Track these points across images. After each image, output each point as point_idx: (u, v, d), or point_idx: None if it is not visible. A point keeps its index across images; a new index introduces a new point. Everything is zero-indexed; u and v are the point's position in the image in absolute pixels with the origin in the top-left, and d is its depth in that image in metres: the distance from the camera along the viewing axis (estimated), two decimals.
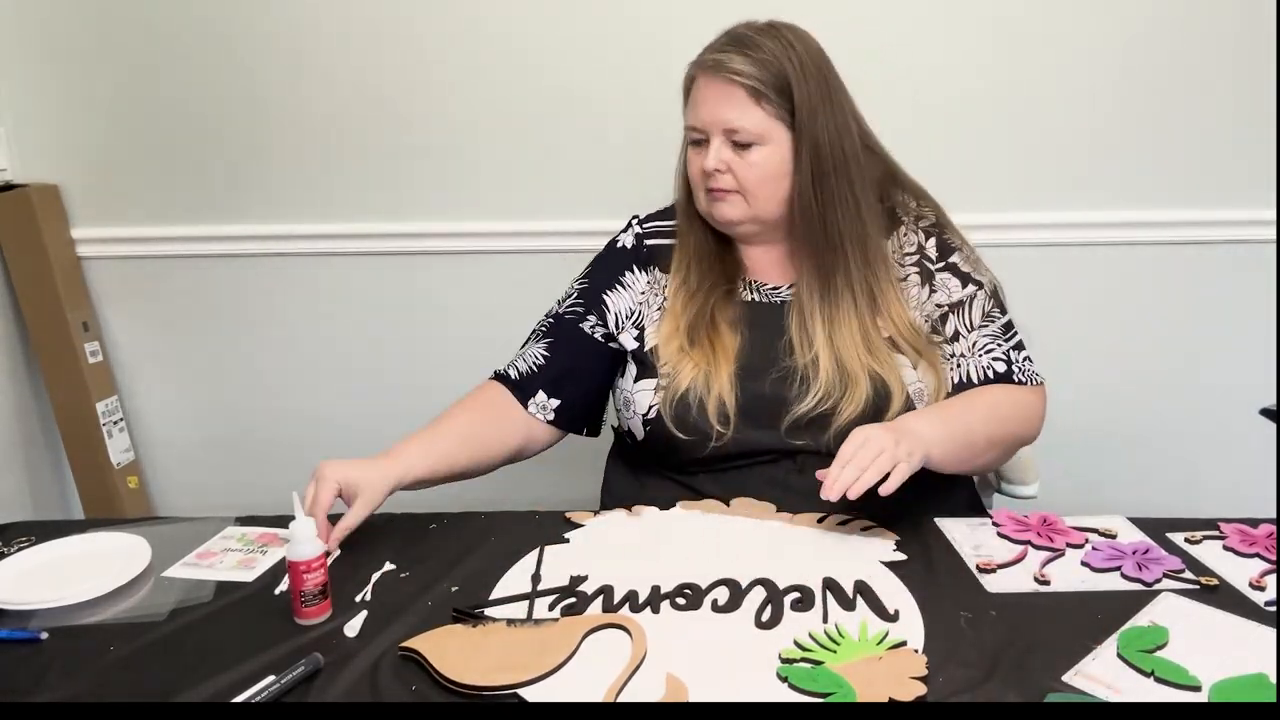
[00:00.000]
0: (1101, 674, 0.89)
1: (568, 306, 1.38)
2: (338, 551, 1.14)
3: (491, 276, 1.95)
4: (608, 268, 1.40)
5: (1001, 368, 1.28)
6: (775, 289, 1.33)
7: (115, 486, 1.98)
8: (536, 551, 1.14)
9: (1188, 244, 1.89)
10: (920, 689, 0.86)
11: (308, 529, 1.00)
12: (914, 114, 1.80)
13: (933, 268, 1.31)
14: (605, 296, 1.37)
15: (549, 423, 1.36)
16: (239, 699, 0.87)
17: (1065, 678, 0.88)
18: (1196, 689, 0.86)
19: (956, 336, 1.29)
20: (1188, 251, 1.90)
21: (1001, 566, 1.08)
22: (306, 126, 1.88)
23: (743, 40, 1.23)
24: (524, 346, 1.40)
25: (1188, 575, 1.06)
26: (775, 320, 1.30)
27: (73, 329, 1.92)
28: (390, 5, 1.81)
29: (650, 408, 1.28)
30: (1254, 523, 1.19)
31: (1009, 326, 1.31)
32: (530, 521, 1.23)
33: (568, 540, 1.17)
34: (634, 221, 1.43)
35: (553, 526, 1.20)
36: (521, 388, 1.35)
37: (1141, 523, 1.19)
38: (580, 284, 1.40)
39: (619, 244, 1.41)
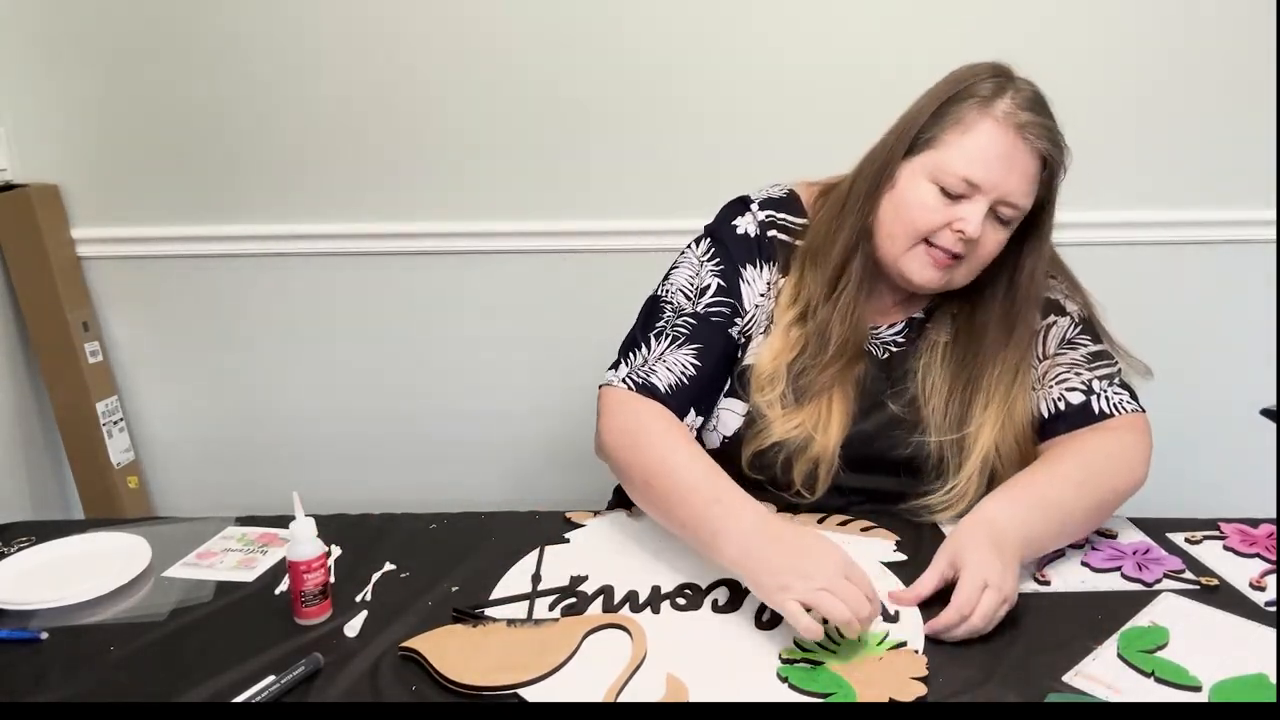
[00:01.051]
0: (1101, 674, 0.89)
1: (710, 306, 1.19)
2: (337, 552, 1.14)
3: (491, 276, 1.95)
4: (734, 257, 1.21)
5: (1077, 399, 1.15)
6: (875, 328, 1.22)
7: (115, 486, 1.98)
8: (536, 551, 1.14)
9: (1188, 244, 1.89)
10: (920, 689, 0.86)
11: (308, 529, 1.00)
12: None
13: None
14: (743, 290, 1.20)
15: None
16: (239, 699, 0.87)
17: (1065, 678, 0.88)
18: (1197, 689, 0.86)
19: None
20: (1188, 251, 1.90)
21: None
22: (306, 127, 1.88)
23: (1044, 108, 1.11)
24: (650, 348, 1.18)
25: (1188, 575, 1.06)
26: (884, 372, 1.20)
27: (73, 329, 1.92)
28: (390, 5, 1.81)
29: (735, 432, 1.18)
30: (1254, 523, 1.19)
31: (1099, 355, 1.19)
32: (530, 521, 1.23)
33: (568, 540, 1.17)
34: (754, 206, 1.24)
35: (553, 526, 1.20)
36: (671, 404, 1.15)
37: (1141, 523, 1.20)
38: (717, 272, 1.20)
39: (740, 230, 1.22)
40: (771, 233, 1.22)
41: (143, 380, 2.06)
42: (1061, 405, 1.16)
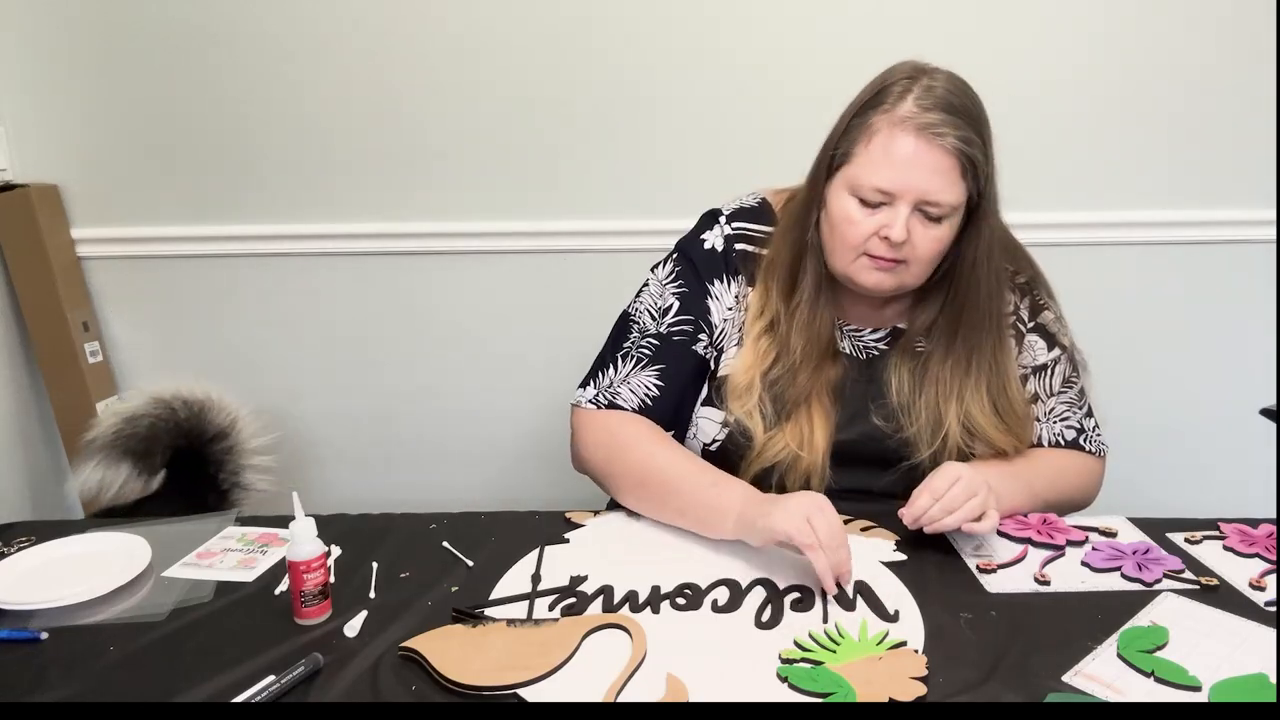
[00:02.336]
0: (1101, 674, 0.89)
1: (674, 326, 1.23)
2: (337, 551, 1.14)
3: (491, 277, 1.95)
4: (700, 273, 1.24)
5: (1072, 435, 1.28)
6: (858, 332, 1.24)
7: None
8: (536, 551, 1.14)
9: (1188, 244, 1.89)
10: (920, 689, 0.86)
11: (308, 529, 1.00)
12: None
13: (1025, 330, 1.26)
14: (709, 306, 1.24)
15: None
16: (239, 699, 0.87)
17: (1065, 678, 0.88)
18: (1196, 689, 0.86)
19: (1035, 399, 1.26)
20: (1188, 251, 1.90)
21: (1002, 566, 1.09)
22: (306, 127, 1.88)
23: (951, 104, 1.08)
24: (616, 369, 1.25)
25: (1188, 575, 1.06)
26: (868, 375, 1.23)
27: (73, 329, 1.92)
28: (390, 6, 1.81)
29: (714, 440, 1.23)
30: (1254, 523, 1.19)
31: (1083, 393, 1.30)
32: (530, 521, 1.22)
33: (568, 540, 1.17)
34: (722, 219, 1.26)
35: (553, 526, 1.20)
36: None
37: (1141, 523, 1.20)
38: (678, 293, 1.24)
39: (707, 244, 1.25)
40: (739, 245, 1.24)
41: (143, 380, 2.05)
42: (1061, 441, 1.28)
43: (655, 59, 1.82)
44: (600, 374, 1.26)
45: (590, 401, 1.25)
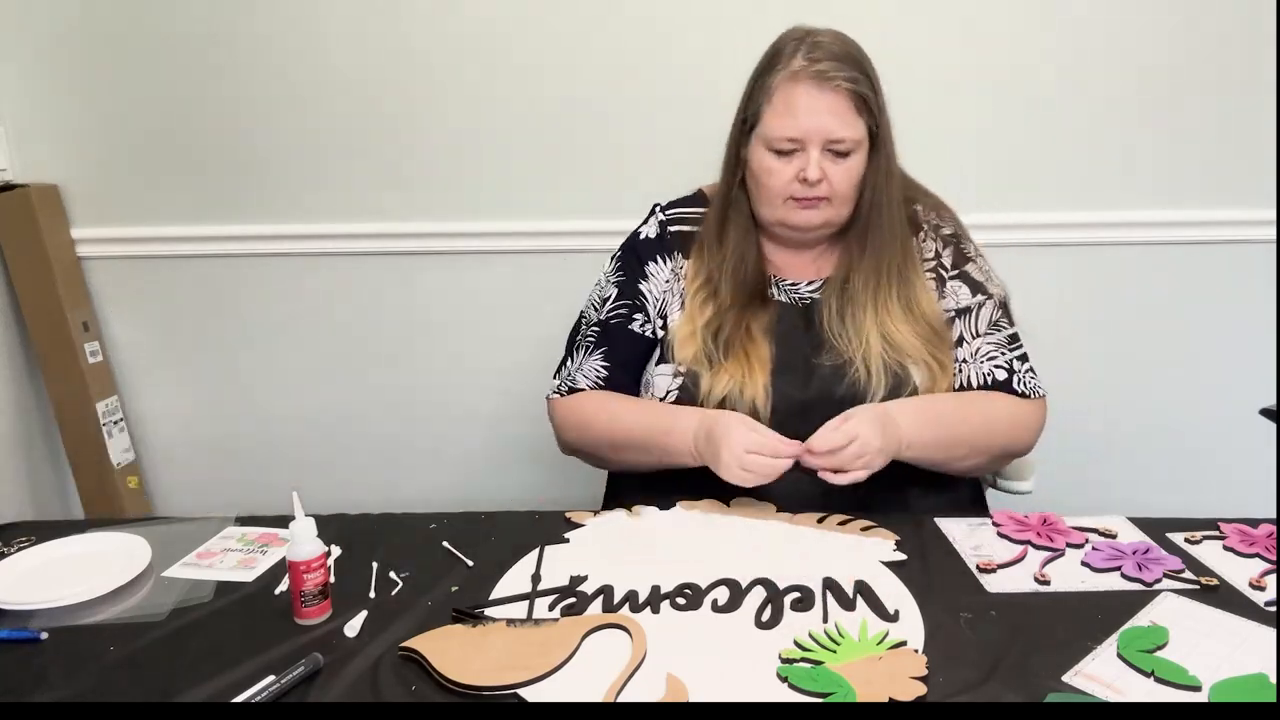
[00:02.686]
0: (1102, 674, 0.89)
1: (611, 311, 1.37)
2: (337, 551, 1.14)
3: (492, 277, 1.95)
4: (636, 260, 1.39)
5: (1003, 375, 1.30)
6: (794, 285, 1.34)
7: (115, 486, 1.98)
8: (536, 551, 1.14)
9: (1188, 244, 1.89)
10: (920, 689, 0.86)
11: (308, 529, 1.00)
12: (914, 114, 1.79)
13: (946, 275, 1.33)
14: (641, 288, 1.37)
15: None
16: (239, 699, 0.87)
17: (1065, 678, 0.88)
18: (1196, 689, 0.86)
19: (960, 341, 1.31)
20: (1187, 251, 1.90)
21: (1002, 566, 1.09)
22: (306, 127, 1.88)
23: (834, 51, 1.22)
24: (574, 360, 1.39)
25: (1188, 575, 1.06)
26: (805, 320, 1.31)
27: (73, 329, 1.92)
28: (390, 6, 1.81)
29: (668, 392, 1.31)
30: (1254, 523, 1.19)
31: (1015, 338, 1.33)
32: (530, 521, 1.23)
33: (568, 540, 1.17)
34: (657, 209, 1.42)
35: (553, 526, 1.20)
36: None
37: (1141, 523, 1.19)
38: (616, 282, 1.39)
39: (642, 235, 1.40)
40: (674, 228, 1.39)
41: (143, 380, 2.06)
42: (989, 380, 1.31)
43: (654, 60, 1.82)
44: (563, 367, 1.41)
45: (556, 391, 1.39)
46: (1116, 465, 2.02)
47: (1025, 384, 1.31)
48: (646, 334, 1.36)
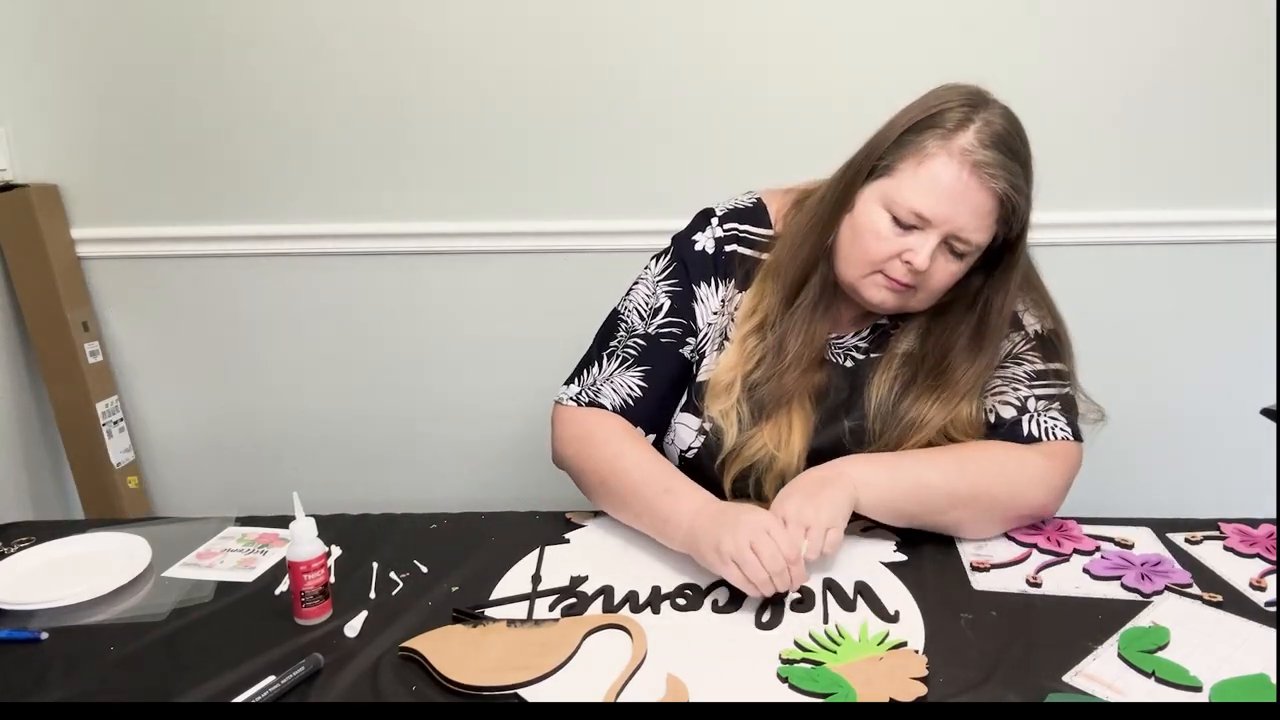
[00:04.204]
0: (1102, 674, 0.89)
1: (664, 327, 1.22)
2: (337, 552, 1.14)
3: (492, 277, 1.95)
4: (688, 275, 1.22)
5: (1009, 413, 1.15)
6: (840, 339, 1.22)
7: (115, 486, 1.98)
8: (536, 551, 1.14)
9: (1188, 244, 1.89)
10: (920, 689, 0.86)
11: (308, 529, 1.00)
12: None
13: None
14: (695, 310, 1.22)
15: None
16: (239, 699, 0.87)
17: (1066, 678, 0.88)
18: (1197, 689, 0.86)
19: None
20: (1188, 251, 1.90)
21: (996, 566, 1.08)
22: (306, 126, 1.88)
23: (1008, 145, 1.06)
24: (601, 368, 1.23)
25: (1193, 590, 1.04)
26: (853, 383, 1.20)
27: (73, 329, 1.91)
28: (391, 5, 1.81)
29: (690, 448, 1.20)
30: (1254, 523, 1.19)
31: (1045, 375, 1.17)
32: (530, 521, 1.23)
33: (568, 540, 1.17)
34: (714, 220, 1.24)
35: (553, 526, 1.20)
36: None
37: (1140, 523, 1.19)
38: (670, 293, 1.22)
39: (698, 246, 1.23)
40: (730, 247, 1.22)
41: (143, 380, 2.06)
42: (992, 418, 1.16)
43: (653, 61, 1.82)
44: (585, 371, 1.25)
45: (572, 399, 1.23)
46: (1116, 465, 2.02)
47: (1040, 424, 1.14)
48: (694, 360, 1.22)
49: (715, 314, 1.22)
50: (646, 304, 1.24)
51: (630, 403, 1.20)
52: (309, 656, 0.92)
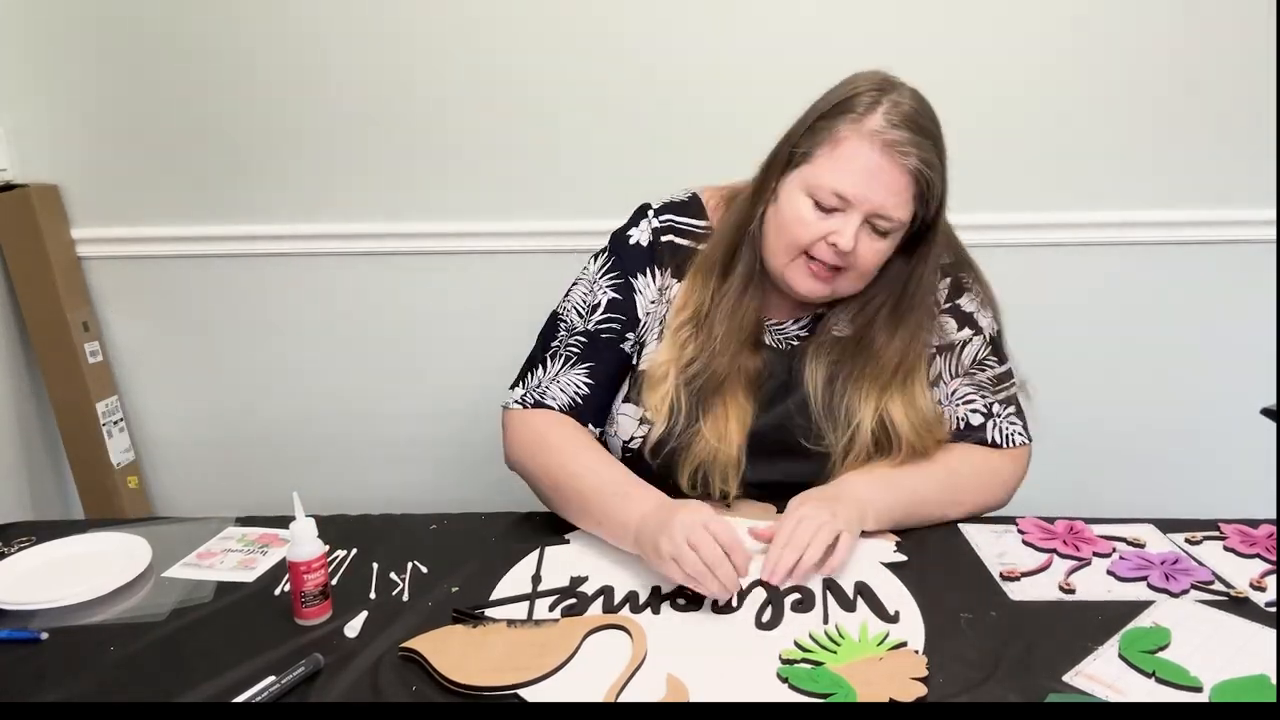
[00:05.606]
0: (1102, 674, 0.89)
1: (601, 323, 1.24)
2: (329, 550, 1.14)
3: (493, 276, 1.95)
4: (625, 269, 1.25)
5: (977, 420, 1.23)
6: (781, 325, 1.25)
7: (115, 486, 1.98)
8: (536, 552, 1.14)
9: (1188, 244, 1.89)
10: (920, 689, 0.86)
11: (308, 529, 1.00)
12: None
13: (938, 310, 1.24)
14: (635, 301, 1.24)
15: None
16: (239, 699, 0.87)
17: (1066, 678, 0.88)
18: (1198, 690, 0.86)
19: (938, 380, 1.24)
20: (1188, 251, 1.90)
21: (1026, 574, 1.07)
22: (306, 127, 1.88)
23: (917, 124, 1.09)
24: (545, 369, 1.26)
25: (1217, 587, 1.04)
26: (790, 366, 1.23)
27: (73, 329, 1.92)
28: (390, 5, 1.81)
29: (633, 438, 1.23)
30: (1254, 523, 1.19)
31: (1003, 378, 1.25)
32: (530, 522, 1.23)
33: (568, 541, 1.17)
34: (649, 212, 1.28)
35: (553, 527, 1.20)
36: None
37: (1142, 522, 1.19)
38: (609, 287, 1.25)
39: (634, 239, 1.26)
40: (666, 238, 1.25)
41: (143, 380, 2.06)
42: (963, 425, 1.24)
43: (651, 61, 1.82)
44: (530, 374, 1.27)
45: (518, 402, 1.25)
46: (1116, 465, 2.02)
47: (1003, 431, 1.23)
48: (634, 352, 1.25)
49: (653, 303, 1.25)
50: (585, 302, 1.27)
51: (578, 401, 1.23)
52: (309, 657, 0.92)
